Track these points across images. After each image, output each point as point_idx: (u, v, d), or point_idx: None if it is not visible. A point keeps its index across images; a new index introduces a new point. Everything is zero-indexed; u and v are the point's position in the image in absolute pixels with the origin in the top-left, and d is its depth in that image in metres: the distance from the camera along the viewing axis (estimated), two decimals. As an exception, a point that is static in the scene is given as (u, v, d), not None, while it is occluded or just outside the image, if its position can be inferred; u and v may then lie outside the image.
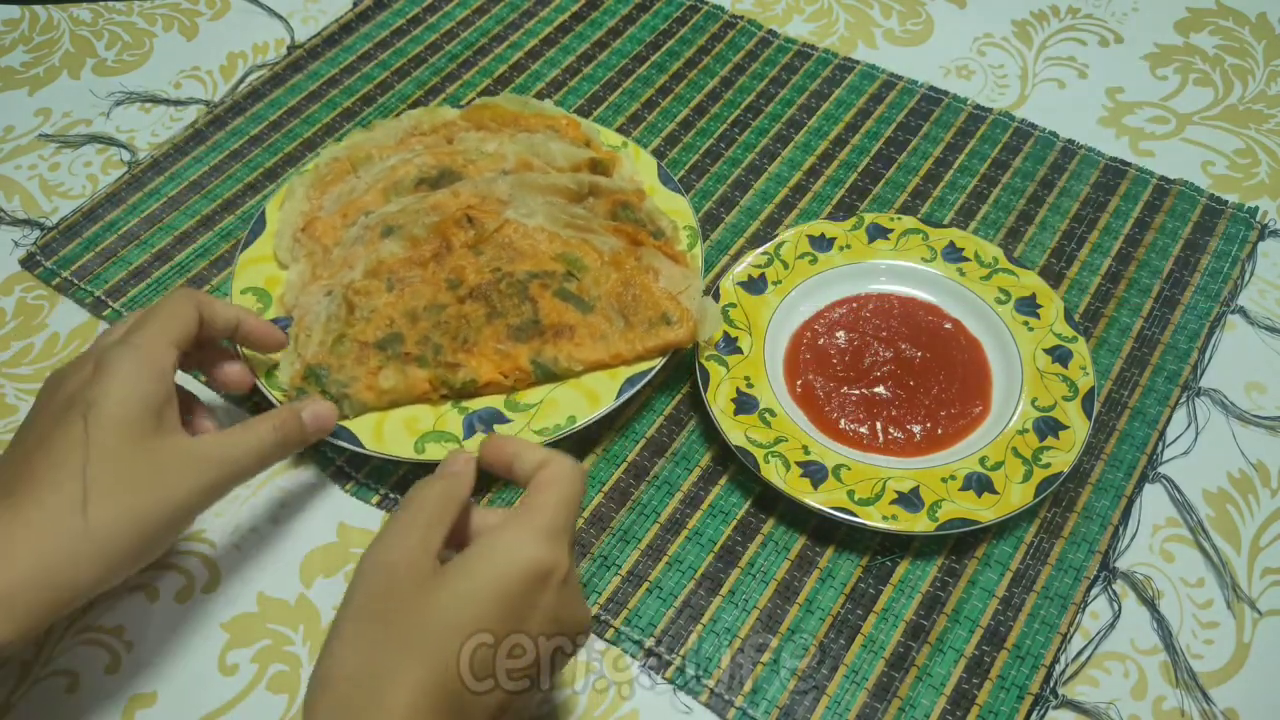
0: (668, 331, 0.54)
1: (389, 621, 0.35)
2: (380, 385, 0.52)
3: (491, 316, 0.54)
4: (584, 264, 0.56)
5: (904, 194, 0.67)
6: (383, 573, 0.37)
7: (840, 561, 0.51)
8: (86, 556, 0.39)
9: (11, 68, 0.75)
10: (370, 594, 0.36)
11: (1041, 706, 0.47)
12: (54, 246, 0.64)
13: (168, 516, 0.41)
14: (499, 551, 0.37)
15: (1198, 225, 0.65)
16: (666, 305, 0.55)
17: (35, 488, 0.39)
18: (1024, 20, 0.78)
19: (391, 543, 0.37)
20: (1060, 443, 0.52)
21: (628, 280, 0.55)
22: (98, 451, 0.40)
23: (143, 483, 0.41)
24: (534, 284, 0.55)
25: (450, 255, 0.56)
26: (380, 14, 0.78)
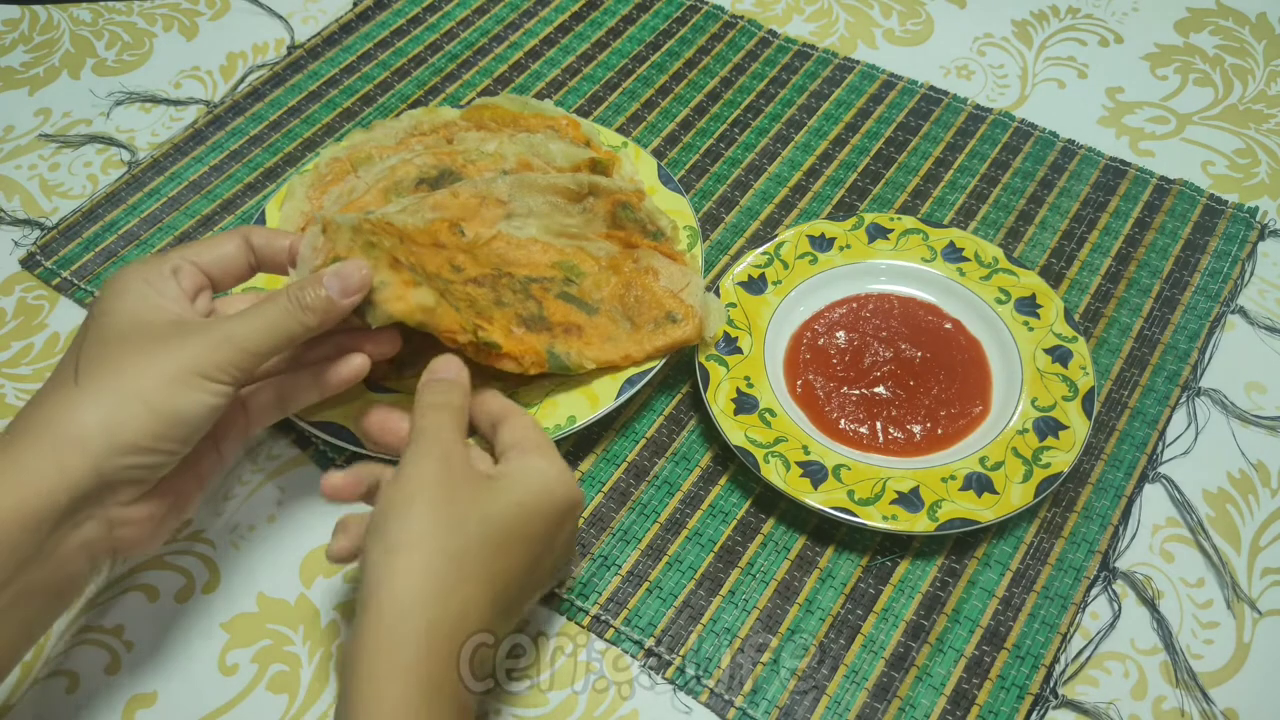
0: (675, 330, 0.54)
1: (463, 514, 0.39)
2: (413, 298, 0.46)
3: (499, 303, 0.52)
4: (581, 270, 0.56)
5: (904, 194, 0.67)
6: (441, 462, 0.40)
7: (840, 561, 0.51)
8: (81, 406, 0.39)
9: (11, 68, 0.75)
10: (434, 477, 0.40)
11: (1041, 706, 0.47)
12: (54, 246, 0.64)
13: (166, 386, 0.40)
14: (549, 476, 0.42)
15: (1198, 225, 0.65)
16: (670, 304, 0.54)
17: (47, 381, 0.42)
18: (1024, 20, 0.78)
19: (437, 439, 0.41)
20: (1060, 443, 0.52)
21: (628, 283, 0.55)
22: (93, 334, 0.41)
23: (136, 354, 0.40)
24: (534, 286, 0.54)
25: (447, 250, 0.54)
26: (380, 14, 0.78)
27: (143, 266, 0.44)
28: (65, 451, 0.38)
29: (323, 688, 0.47)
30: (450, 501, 0.39)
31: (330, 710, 0.47)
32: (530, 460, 0.42)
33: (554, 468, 0.42)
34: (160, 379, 0.40)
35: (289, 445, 0.55)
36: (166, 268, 0.44)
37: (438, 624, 0.37)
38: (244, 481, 0.54)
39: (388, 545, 0.38)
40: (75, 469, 0.38)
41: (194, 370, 0.40)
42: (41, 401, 0.40)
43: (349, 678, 0.37)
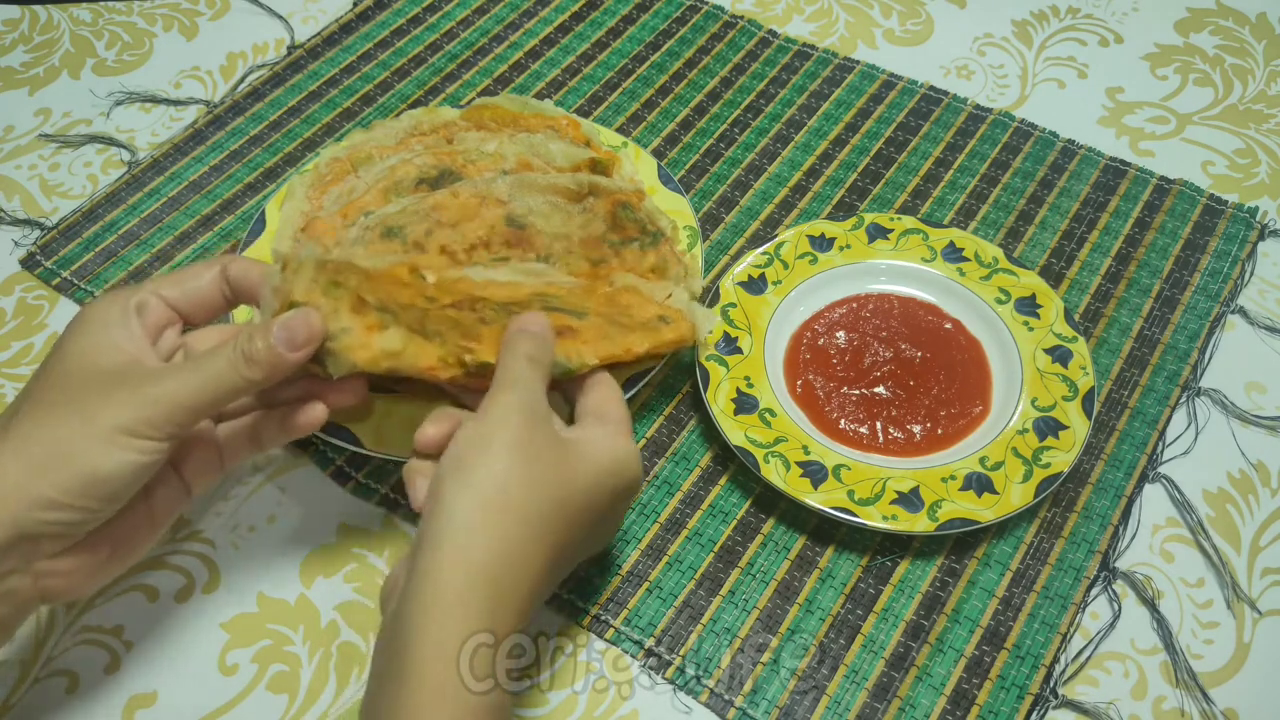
0: (668, 330, 0.52)
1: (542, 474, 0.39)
2: (377, 344, 0.43)
3: (484, 322, 0.48)
4: (553, 296, 0.51)
5: (904, 194, 0.67)
6: (528, 411, 0.41)
7: (840, 561, 0.51)
8: (3, 457, 0.38)
9: (11, 68, 0.75)
10: (520, 426, 0.40)
11: (1041, 706, 0.47)
12: (54, 246, 0.64)
13: (90, 443, 0.38)
14: (624, 452, 0.43)
15: (1198, 225, 0.65)
16: (657, 309, 0.53)
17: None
18: (1024, 20, 0.78)
19: (528, 389, 0.41)
20: (1060, 443, 0.52)
21: (610, 299, 0.52)
22: (42, 376, 0.40)
23: (68, 405, 0.39)
24: (515, 308, 0.49)
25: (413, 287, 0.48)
26: (380, 14, 0.78)
27: (106, 303, 0.42)
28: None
29: (323, 688, 0.47)
30: (532, 460, 0.39)
31: (330, 710, 0.47)
32: (609, 431, 0.43)
33: (630, 443, 0.43)
34: (86, 435, 0.38)
35: (289, 446, 0.55)
36: (132, 303, 0.42)
37: (502, 588, 0.37)
38: (244, 481, 0.54)
39: (469, 485, 0.38)
40: None
41: (122, 428, 0.38)
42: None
43: (402, 619, 0.37)
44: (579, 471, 0.41)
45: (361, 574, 0.51)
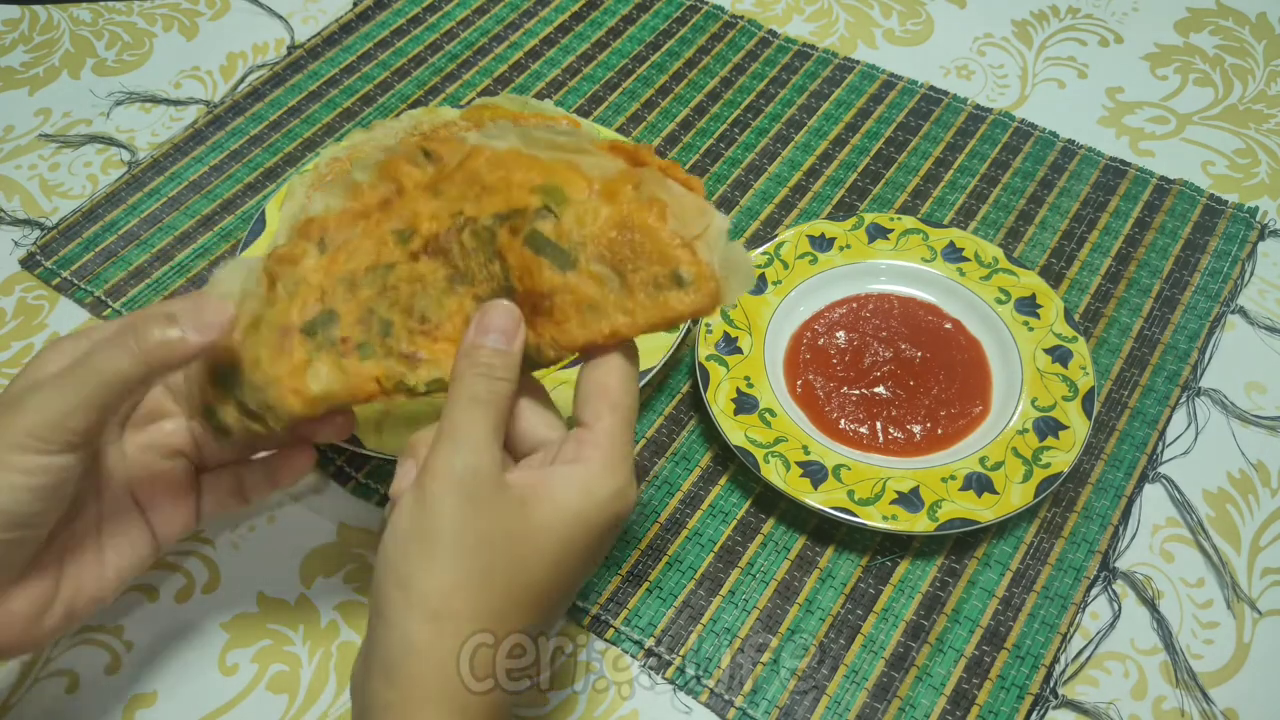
0: (680, 297, 0.38)
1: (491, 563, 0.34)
2: (308, 388, 0.39)
3: (455, 281, 0.40)
4: (564, 194, 0.39)
5: (904, 194, 0.67)
6: (470, 487, 0.34)
7: (840, 561, 0.51)
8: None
9: (11, 68, 0.75)
10: (460, 512, 0.34)
11: (1041, 706, 0.47)
12: (54, 246, 0.64)
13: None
14: (600, 497, 0.35)
15: (1198, 225, 0.65)
16: (677, 256, 0.38)
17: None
18: (1024, 20, 0.78)
19: (473, 449, 0.35)
20: (1060, 443, 0.52)
21: (623, 219, 0.38)
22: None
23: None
24: (503, 230, 0.39)
25: (401, 200, 0.41)
26: (380, 14, 0.78)
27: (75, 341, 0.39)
28: None
29: (323, 688, 0.47)
30: (481, 549, 0.34)
31: (330, 710, 0.47)
32: (587, 471, 0.36)
33: (614, 480, 0.36)
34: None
35: (289, 445, 0.55)
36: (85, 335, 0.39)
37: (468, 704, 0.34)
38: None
39: (411, 605, 0.33)
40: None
41: (10, 447, 0.34)
42: None
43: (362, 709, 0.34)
44: (544, 543, 0.35)
45: (361, 574, 0.51)
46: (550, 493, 0.35)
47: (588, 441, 0.36)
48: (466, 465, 0.34)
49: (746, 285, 0.38)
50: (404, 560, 0.34)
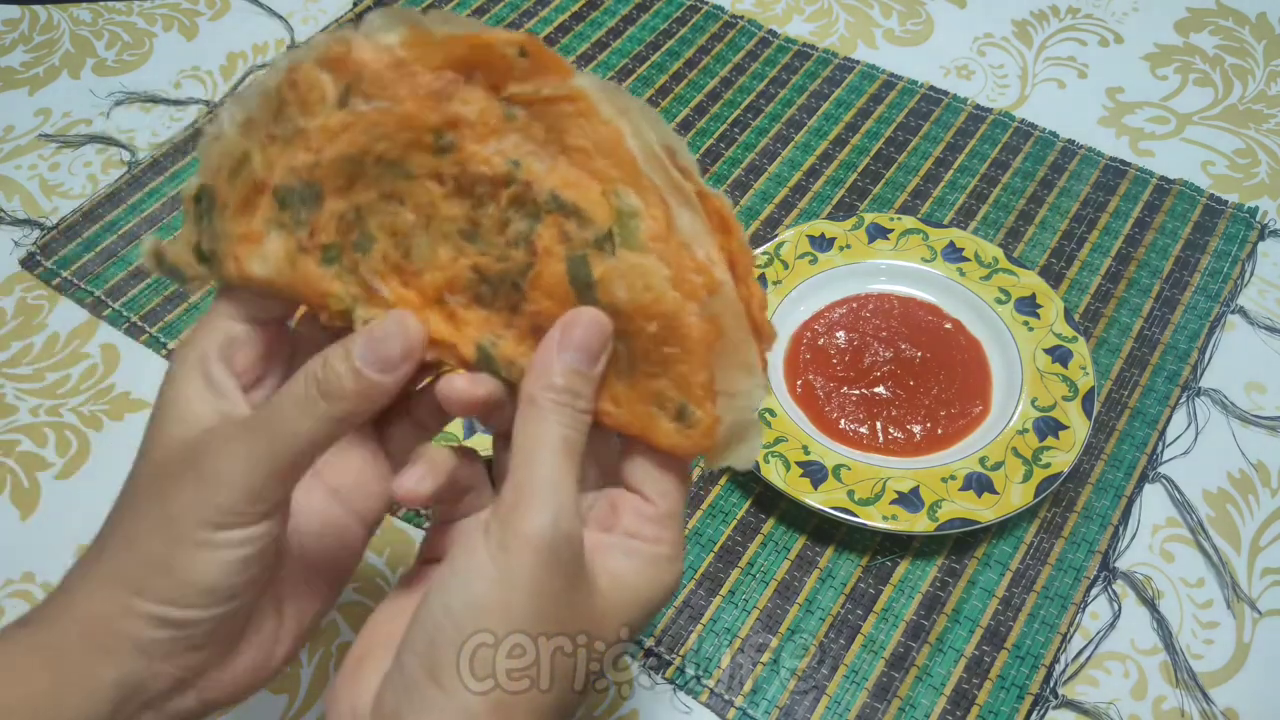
0: (669, 430, 0.32)
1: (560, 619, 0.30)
2: (248, 266, 0.32)
3: (464, 235, 0.32)
4: (638, 233, 0.30)
5: (904, 194, 0.67)
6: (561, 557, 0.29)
7: (840, 561, 0.51)
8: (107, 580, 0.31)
9: (11, 68, 0.75)
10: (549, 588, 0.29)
11: (1041, 706, 0.47)
12: (54, 246, 0.64)
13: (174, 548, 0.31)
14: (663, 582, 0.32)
15: (1198, 225, 0.65)
16: (698, 395, 0.31)
17: None
18: (1024, 20, 0.78)
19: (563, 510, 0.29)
20: (1060, 443, 0.52)
21: (671, 318, 0.31)
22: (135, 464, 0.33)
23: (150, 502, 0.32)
24: (550, 223, 0.31)
25: (462, 94, 0.31)
26: (380, 14, 0.78)
27: (184, 353, 0.33)
28: (99, 630, 0.31)
29: (322, 687, 0.47)
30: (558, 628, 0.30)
31: (330, 710, 0.47)
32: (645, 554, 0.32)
33: (674, 569, 0.32)
34: (173, 543, 0.30)
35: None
36: (214, 348, 0.32)
37: None
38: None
39: None
40: (114, 649, 0.30)
41: (206, 524, 0.30)
42: (86, 557, 0.33)
43: None
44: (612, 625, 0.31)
45: (361, 574, 0.51)
46: (621, 572, 0.31)
47: (651, 518, 0.32)
48: (559, 534, 0.29)
49: (739, 464, 0.33)
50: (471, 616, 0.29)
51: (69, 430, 0.56)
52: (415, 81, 0.31)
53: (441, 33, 0.31)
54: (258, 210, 0.32)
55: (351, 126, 0.31)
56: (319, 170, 0.32)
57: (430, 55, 0.31)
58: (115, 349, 0.60)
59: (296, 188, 0.32)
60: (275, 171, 0.32)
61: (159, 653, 0.31)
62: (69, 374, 0.59)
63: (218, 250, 0.32)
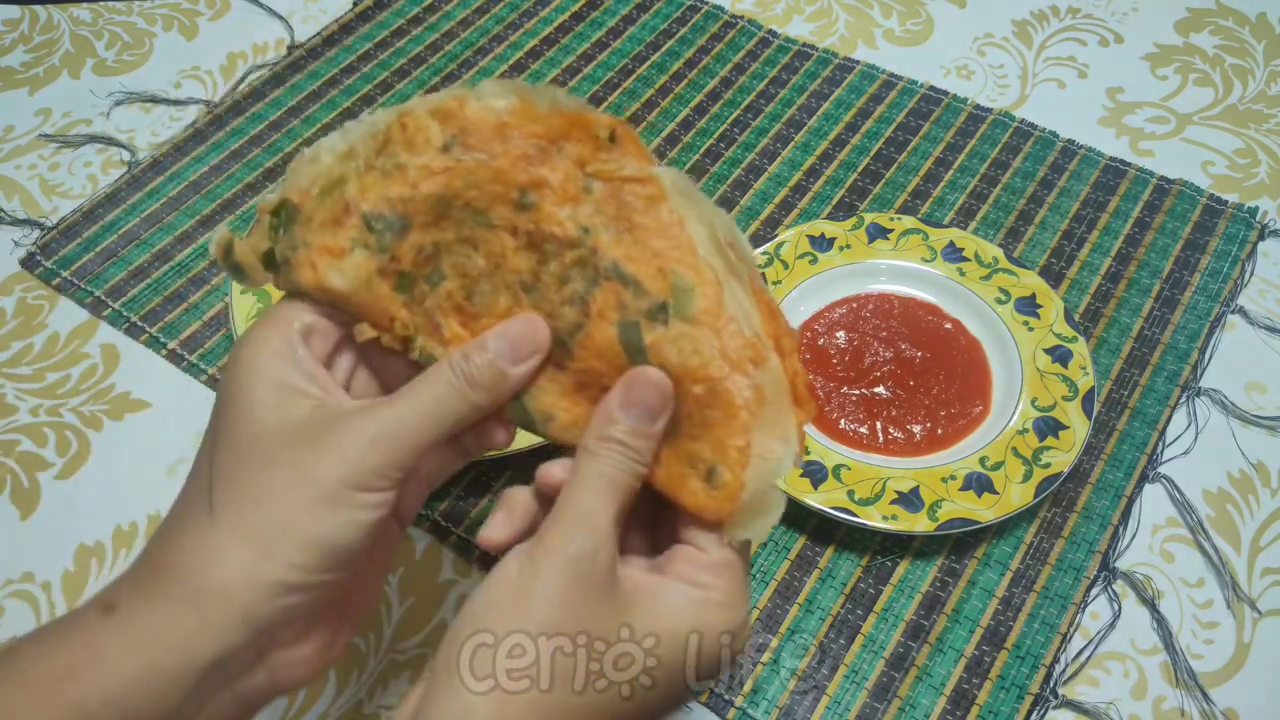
0: (696, 489, 0.34)
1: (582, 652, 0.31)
2: (326, 276, 0.35)
3: (525, 287, 0.35)
4: (691, 309, 0.33)
5: (904, 194, 0.67)
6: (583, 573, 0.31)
7: (840, 561, 0.51)
8: (219, 547, 0.32)
9: (11, 68, 0.75)
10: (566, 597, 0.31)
11: (1041, 706, 0.47)
12: (54, 246, 0.64)
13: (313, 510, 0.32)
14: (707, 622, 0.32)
15: (1198, 225, 0.65)
16: (731, 457, 0.33)
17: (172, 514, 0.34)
18: (1024, 20, 0.78)
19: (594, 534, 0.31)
20: (1060, 443, 0.52)
21: (716, 385, 0.33)
22: (224, 442, 0.34)
23: (274, 470, 0.33)
24: (608, 289, 0.34)
25: (551, 162, 0.34)
26: (380, 14, 0.78)
27: (269, 333, 0.35)
28: (207, 603, 0.31)
29: (323, 687, 0.47)
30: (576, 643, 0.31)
31: (330, 710, 0.47)
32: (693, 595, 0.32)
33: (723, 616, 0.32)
34: (306, 502, 0.32)
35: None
36: (295, 331, 0.35)
37: None
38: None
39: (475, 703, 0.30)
40: (220, 623, 0.31)
41: (345, 483, 0.32)
42: (175, 536, 0.33)
43: None
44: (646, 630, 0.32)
45: (361, 574, 0.51)
46: (659, 606, 0.32)
47: (705, 565, 0.33)
48: (584, 550, 0.31)
49: (753, 534, 0.34)
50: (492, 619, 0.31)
51: (69, 430, 0.56)
52: (512, 143, 0.34)
53: (546, 107, 0.34)
54: (344, 229, 0.35)
55: (449, 171, 0.34)
56: (412, 204, 0.35)
57: (531, 124, 0.34)
58: (115, 349, 0.60)
59: (387, 215, 0.35)
60: (368, 197, 0.35)
61: (265, 622, 0.32)
62: (69, 374, 0.59)
63: (292, 258, 0.35)
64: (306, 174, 0.35)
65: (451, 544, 0.52)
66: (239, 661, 0.32)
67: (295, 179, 0.35)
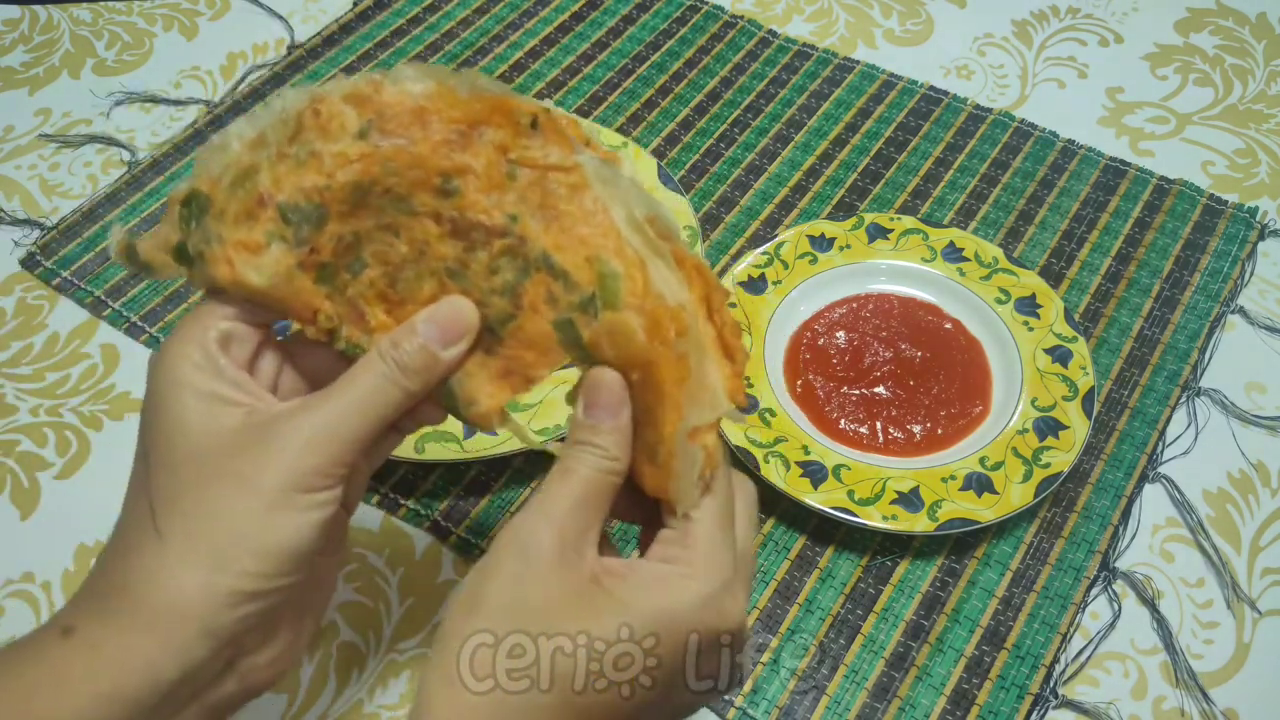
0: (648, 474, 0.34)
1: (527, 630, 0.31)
2: (243, 273, 0.34)
3: (451, 274, 0.34)
4: (618, 294, 0.33)
5: (904, 194, 0.67)
6: (530, 554, 0.31)
7: (840, 561, 0.51)
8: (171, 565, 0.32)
9: (11, 68, 0.75)
10: (511, 577, 0.31)
11: (1041, 706, 0.47)
12: (54, 246, 0.64)
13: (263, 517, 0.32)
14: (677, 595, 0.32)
15: (1198, 225, 0.65)
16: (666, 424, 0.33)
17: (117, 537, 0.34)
18: (1024, 20, 0.78)
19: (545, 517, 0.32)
20: (1060, 443, 0.52)
21: (647, 358, 0.33)
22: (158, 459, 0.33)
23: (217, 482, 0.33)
24: (538, 280, 0.34)
25: (472, 147, 0.34)
26: (380, 14, 0.78)
27: (185, 346, 0.34)
28: (165, 624, 0.31)
29: (323, 687, 0.47)
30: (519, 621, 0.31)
31: (330, 710, 0.47)
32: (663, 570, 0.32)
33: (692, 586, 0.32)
34: (254, 511, 0.32)
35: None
36: (212, 340, 0.34)
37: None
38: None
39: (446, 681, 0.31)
40: (180, 642, 0.31)
41: (289, 487, 0.32)
42: (124, 557, 0.33)
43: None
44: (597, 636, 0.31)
45: (361, 574, 0.51)
46: (625, 583, 0.32)
47: (676, 541, 0.33)
48: (529, 532, 0.32)
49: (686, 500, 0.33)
50: (450, 617, 0.32)
51: (69, 430, 0.56)
52: (432, 129, 0.34)
53: (465, 92, 0.34)
54: (259, 222, 0.34)
55: (366, 158, 0.34)
56: (328, 193, 0.34)
57: (450, 109, 0.34)
58: (115, 349, 0.60)
59: (304, 206, 0.34)
60: (283, 188, 0.34)
61: (226, 634, 0.32)
62: (69, 374, 0.59)
63: (207, 252, 0.34)
64: (216, 162, 0.34)
65: (451, 544, 0.52)
66: (205, 674, 0.32)
67: (204, 167, 0.34)
